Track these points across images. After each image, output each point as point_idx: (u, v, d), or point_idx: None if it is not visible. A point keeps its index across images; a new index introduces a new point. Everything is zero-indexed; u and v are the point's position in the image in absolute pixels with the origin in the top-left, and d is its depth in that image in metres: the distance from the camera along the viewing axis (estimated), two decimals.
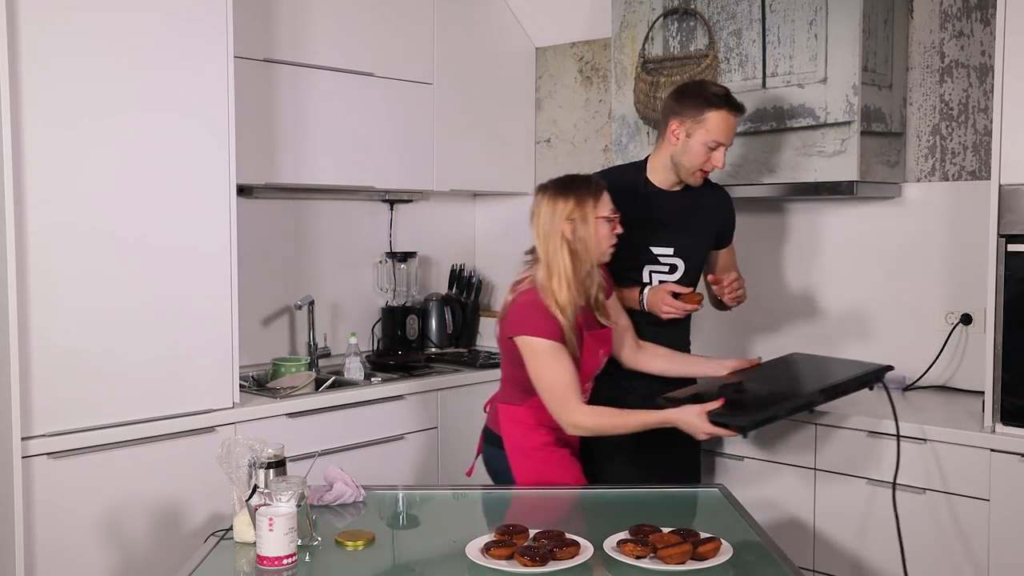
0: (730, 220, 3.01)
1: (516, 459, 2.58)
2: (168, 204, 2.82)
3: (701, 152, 2.75)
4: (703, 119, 2.72)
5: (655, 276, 2.85)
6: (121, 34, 2.70)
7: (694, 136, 2.74)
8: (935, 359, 3.20)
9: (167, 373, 2.83)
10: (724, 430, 2.44)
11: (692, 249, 2.88)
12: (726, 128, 2.74)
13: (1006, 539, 2.63)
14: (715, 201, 2.97)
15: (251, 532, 1.97)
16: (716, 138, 2.73)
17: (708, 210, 2.93)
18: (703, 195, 2.92)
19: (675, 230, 2.85)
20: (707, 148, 2.74)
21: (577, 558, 1.90)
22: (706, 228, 2.93)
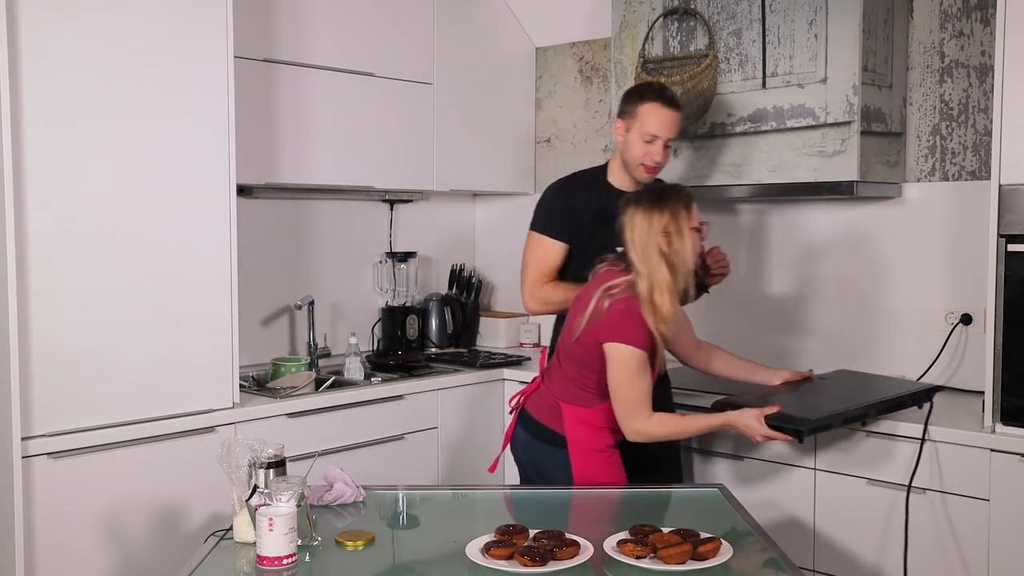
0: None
1: (580, 459, 2.62)
2: (168, 204, 2.82)
3: (638, 146, 2.84)
4: (637, 113, 2.82)
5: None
6: (121, 34, 2.70)
7: (631, 131, 2.84)
8: (935, 359, 3.20)
9: (167, 373, 2.83)
10: (780, 434, 2.52)
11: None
12: (658, 121, 2.80)
13: (1006, 539, 2.63)
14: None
15: (251, 532, 1.97)
16: (649, 130, 2.81)
17: None
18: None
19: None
20: (643, 141, 2.82)
21: (577, 558, 1.90)
22: None
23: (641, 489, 2.56)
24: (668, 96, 2.85)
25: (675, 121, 2.85)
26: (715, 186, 3.39)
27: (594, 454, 2.62)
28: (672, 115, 2.83)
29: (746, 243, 3.65)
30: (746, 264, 3.64)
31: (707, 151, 3.41)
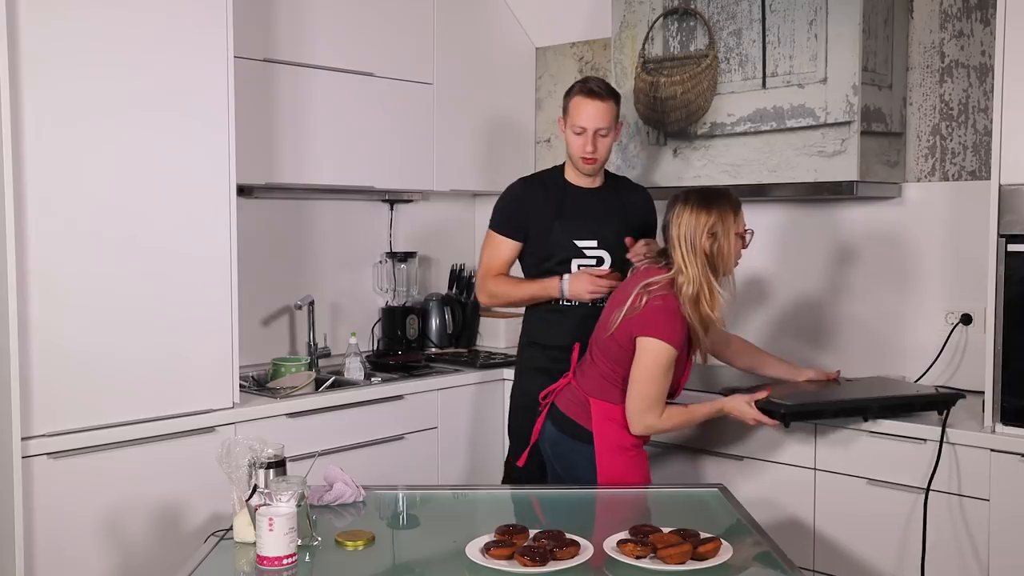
0: (651, 216, 3.14)
1: (606, 456, 2.65)
2: (168, 204, 2.82)
3: (572, 139, 2.94)
4: (568, 108, 2.94)
5: (583, 269, 2.97)
6: (121, 34, 2.70)
7: (567, 125, 2.96)
8: (935, 359, 3.20)
9: (167, 373, 2.83)
10: (768, 418, 2.62)
11: (615, 241, 2.98)
12: (583, 112, 2.88)
13: (1006, 539, 2.63)
14: (635, 198, 3.12)
15: (251, 532, 1.97)
16: (576, 122, 2.90)
17: (629, 205, 3.08)
18: (623, 191, 3.12)
19: (596, 223, 2.99)
20: (575, 135, 2.92)
21: (577, 558, 1.90)
22: (628, 222, 3.03)
23: (641, 489, 2.56)
24: (591, 88, 2.89)
25: (601, 111, 2.89)
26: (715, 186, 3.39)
27: (620, 452, 2.65)
28: (597, 106, 2.88)
29: None
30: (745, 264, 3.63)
31: (707, 151, 3.41)
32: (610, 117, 2.92)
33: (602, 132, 2.91)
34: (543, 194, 3.02)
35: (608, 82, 3.01)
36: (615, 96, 2.96)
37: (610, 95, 2.93)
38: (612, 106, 2.92)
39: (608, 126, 2.92)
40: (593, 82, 2.93)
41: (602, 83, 2.95)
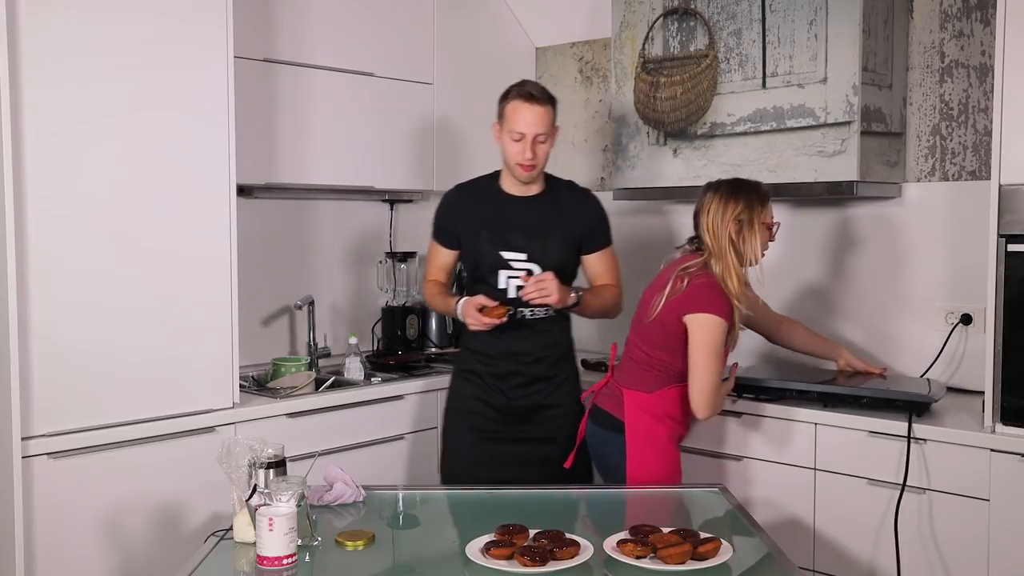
0: (596, 224, 2.98)
1: (636, 447, 2.69)
2: (168, 204, 2.82)
3: (509, 146, 2.83)
4: (504, 113, 2.83)
5: (511, 281, 2.87)
6: (121, 34, 2.70)
7: (503, 132, 2.84)
8: (935, 359, 3.20)
9: (167, 373, 2.83)
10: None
11: (548, 254, 2.87)
12: (520, 117, 2.78)
13: (1006, 539, 2.63)
14: (577, 205, 2.96)
15: (251, 532, 1.97)
16: (514, 128, 2.79)
17: (568, 214, 2.92)
18: (563, 198, 2.96)
19: (527, 235, 2.87)
20: (513, 141, 2.81)
21: (577, 558, 1.90)
22: (565, 233, 2.90)
23: (641, 489, 2.56)
24: (528, 92, 2.80)
25: (539, 116, 2.79)
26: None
27: (650, 444, 2.69)
28: (535, 111, 2.78)
29: None
30: None
31: (707, 151, 3.41)
32: (548, 122, 2.83)
33: (540, 138, 2.81)
34: (475, 202, 2.94)
35: (544, 86, 2.92)
36: (553, 100, 2.87)
37: (548, 99, 2.84)
38: (550, 110, 2.83)
39: (547, 131, 2.83)
40: (531, 86, 2.84)
41: (539, 87, 2.87)
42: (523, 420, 2.92)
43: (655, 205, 3.86)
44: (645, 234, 3.91)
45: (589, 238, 2.95)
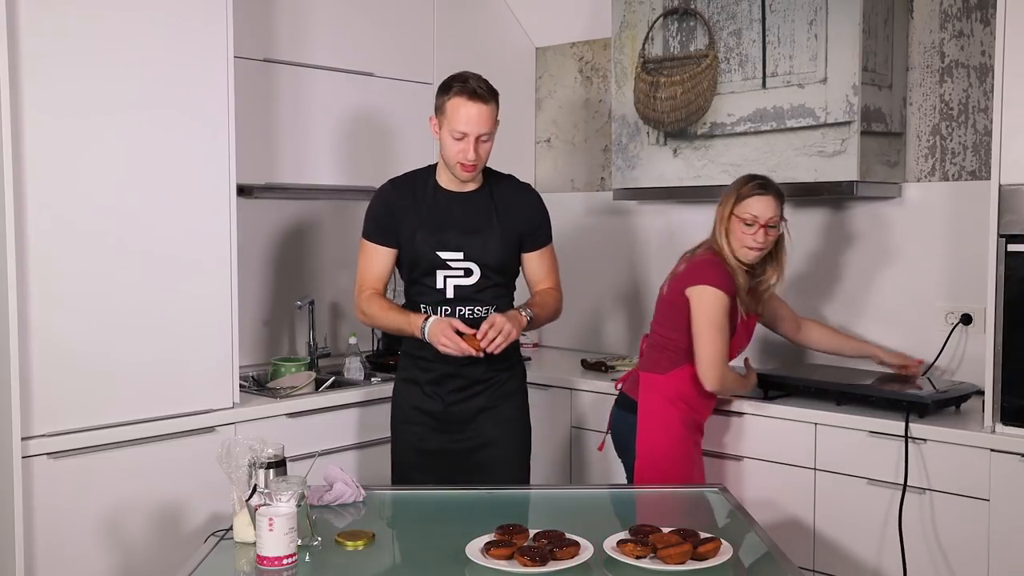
0: (537, 221, 2.81)
1: (646, 427, 2.78)
2: (168, 204, 2.82)
3: (450, 144, 2.64)
4: (445, 109, 2.63)
5: (449, 281, 2.72)
6: (121, 34, 2.70)
7: (443, 127, 2.65)
8: (935, 359, 3.20)
9: (167, 373, 2.83)
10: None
11: (486, 253, 2.72)
12: (464, 116, 2.59)
13: (1006, 539, 2.63)
14: (517, 200, 2.79)
15: (251, 532, 1.97)
16: (455, 127, 2.60)
17: (507, 210, 2.76)
18: (503, 194, 2.78)
19: (463, 233, 2.71)
20: (454, 139, 2.62)
21: (577, 558, 1.89)
22: (504, 230, 2.74)
23: (641, 489, 2.56)
24: (472, 88, 2.59)
25: (483, 115, 2.60)
26: (715, 186, 3.39)
27: (661, 427, 2.76)
28: (479, 109, 2.59)
29: None
30: None
31: (707, 151, 3.41)
32: (492, 120, 2.64)
33: (484, 137, 2.63)
34: (410, 197, 2.74)
35: (487, 80, 2.68)
36: (496, 95, 2.67)
37: (492, 96, 2.64)
38: (494, 107, 2.64)
39: (490, 130, 2.64)
40: (474, 81, 2.61)
41: (483, 82, 2.64)
42: (463, 425, 2.77)
43: (655, 205, 3.86)
44: (645, 234, 3.91)
45: (529, 235, 2.79)
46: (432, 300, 2.73)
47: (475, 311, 2.72)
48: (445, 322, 2.61)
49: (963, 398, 2.93)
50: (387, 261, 2.77)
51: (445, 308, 2.71)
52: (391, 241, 2.75)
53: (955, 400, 2.91)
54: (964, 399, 2.93)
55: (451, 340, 2.56)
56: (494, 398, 2.79)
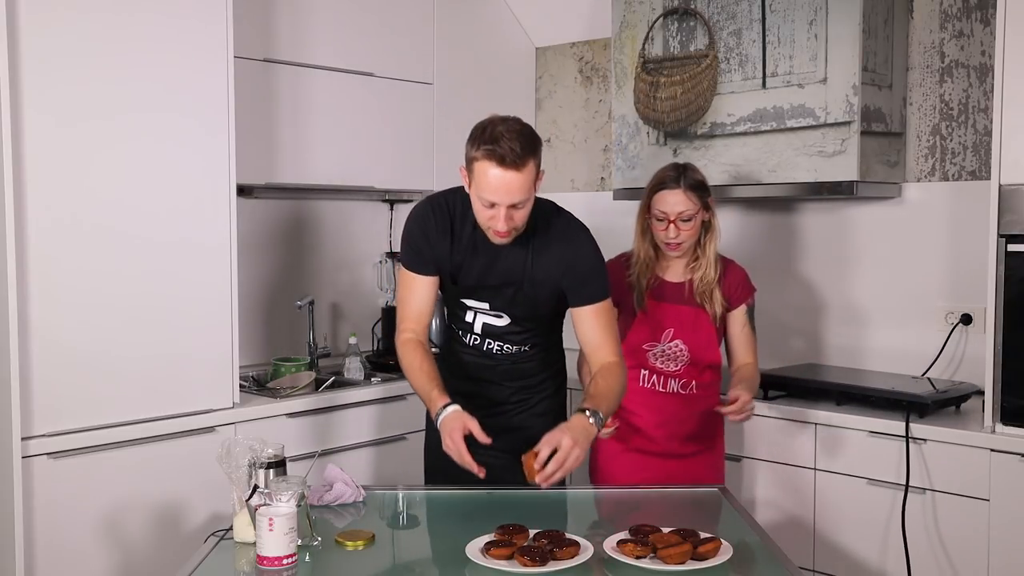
0: (580, 276, 2.37)
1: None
2: (168, 204, 2.82)
3: (479, 208, 2.24)
4: (472, 168, 2.21)
5: (479, 317, 2.46)
6: (121, 34, 2.70)
7: (472, 187, 2.24)
8: (935, 359, 3.20)
9: (167, 373, 2.83)
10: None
11: (514, 306, 2.43)
12: (493, 185, 2.17)
13: (1006, 539, 2.63)
14: (558, 252, 2.36)
15: (251, 532, 1.97)
16: (482, 194, 2.20)
17: (544, 264, 2.36)
18: (545, 243, 2.36)
19: (493, 286, 2.39)
20: (482, 204, 2.22)
21: (577, 558, 1.89)
22: (537, 285, 2.38)
23: (641, 489, 2.56)
24: (502, 154, 2.14)
25: (516, 184, 2.16)
26: (715, 186, 3.38)
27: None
28: (511, 178, 2.15)
29: (746, 243, 3.64)
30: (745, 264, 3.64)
31: (707, 151, 3.41)
32: (528, 185, 2.19)
33: (518, 205, 2.21)
34: (447, 232, 2.37)
35: (525, 134, 2.20)
36: (534, 152, 2.20)
37: (528, 156, 2.17)
38: (531, 170, 2.18)
39: (526, 196, 2.20)
40: (507, 143, 2.14)
41: (518, 142, 2.16)
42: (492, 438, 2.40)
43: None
44: None
45: (572, 291, 2.38)
46: (463, 327, 2.51)
47: (504, 348, 2.49)
48: (460, 420, 2.22)
49: (963, 398, 2.93)
50: (429, 292, 2.42)
51: (475, 338, 2.48)
52: (431, 269, 2.41)
53: (955, 400, 2.92)
54: (964, 399, 2.93)
55: (455, 445, 2.19)
56: (522, 419, 2.55)
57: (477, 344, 2.49)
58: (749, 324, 2.78)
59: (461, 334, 2.51)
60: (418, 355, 2.37)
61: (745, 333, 2.78)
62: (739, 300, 2.76)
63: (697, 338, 2.71)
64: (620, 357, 2.40)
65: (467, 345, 2.52)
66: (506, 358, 2.48)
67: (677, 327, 2.70)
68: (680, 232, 2.64)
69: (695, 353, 2.70)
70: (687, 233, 2.65)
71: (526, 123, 2.25)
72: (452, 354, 2.56)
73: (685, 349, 2.70)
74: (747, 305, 2.78)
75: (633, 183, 3.62)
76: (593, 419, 2.21)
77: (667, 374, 2.69)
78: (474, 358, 2.52)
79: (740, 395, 2.58)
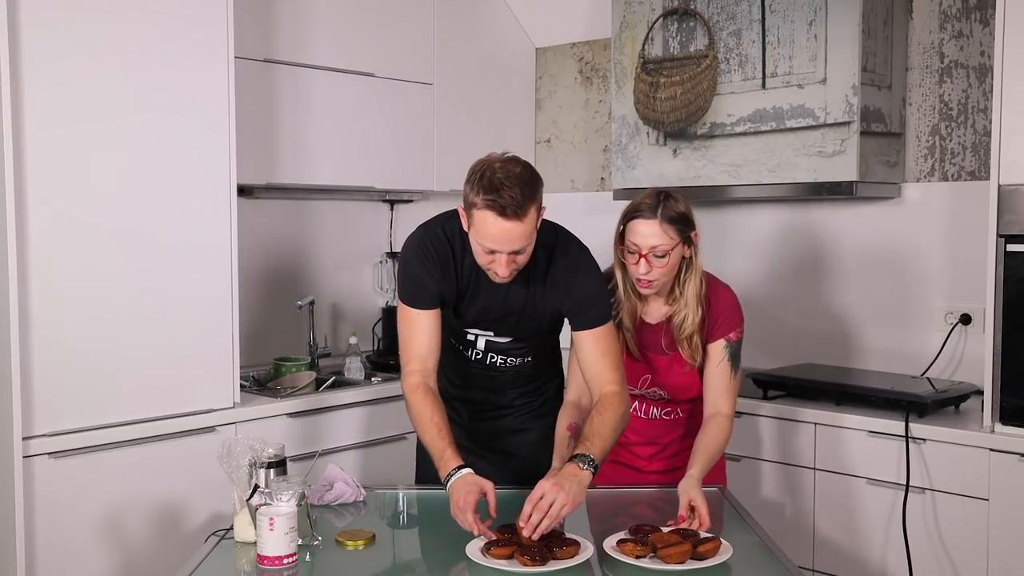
0: (581, 304, 2.29)
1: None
2: (169, 205, 2.82)
3: (479, 252, 2.15)
4: (471, 214, 2.12)
5: (480, 337, 2.41)
6: (122, 35, 2.70)
7: (470, 230, 2.15)
8: (934, 359, 3.21)
9: (168, 373, 2.83)
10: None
11: (518, 330, 2.39)
12: (493, 234, 2.08)
13: (1005, 539, 2.63)
14: (559, 283, 2.29)
15: (251, 532, 1.97)
16: (483, 241, 2.11)
17: (544, 295, 2.31)
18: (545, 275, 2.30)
19: (493, 318, 2.35)
20: (483, 249, 2.14)
21: (577, 558, 1.90)
22: (540, 312, 2.33)
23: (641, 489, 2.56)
24: (503, 205, 2.04)
25: (517, 232, 2.08)
26: (715, 186, 3.39)
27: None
28: (513, 227, 2.06)
29: (746, 243, 3.65)
30: (745, 264, 3.64)
31: (707, 151, 3.41)
32: (531, 231, 2.11)
33: (520, 251, 2.13)
34: (444, 268, 2.28)
35: (525, 179, 2.10)
36: (535, 197, 2.10)
37: (529, 202, 2.07)
38: (532, 216, 2.09)
39: (528, 242, 2.12)
40: (508, 193, 2.05)
41: (518, 188, 2.06)
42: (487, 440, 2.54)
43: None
44: None
45: (573, 316, 2.31)
46: (465, 344, 2.45)
47: (508, 361, 2.45)
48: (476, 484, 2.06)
49: (962, 398, 2.94)
50: (434, 327, 2.29)
51: (477, 353, 2.44)
52: (435, 302, 2.29)
53: (954, 400, 2.92)
54: (963, 399, 2.94)
55: (461, 512, 2.02)
56: (521, 421, 2.54)
57: (480, 359, 2.45)
58: (728, 362, 2.37)
59: (463, 349, 2.46)
60: (428, 405, 2.22)
61: (720, 372, 2.36)
62: (720, 332, 2.37)
63: (675, 382, 2.44)
64: (621, 385, 2.27)
65: (470, 359, 2.47)
66: (510, 368, 2.47)
67: (653, 375, 2.44)
68: (652, 269, 2.29)
69: (675, 393, 2.46)
70: (660, 271, 2.30)
71: (524, 162, 2.16)
72: (454, 363, 2.50)
73: (664, 392, 2.46)
74: (727, 340, 2.37)
75: (633, 183, 3.62)
76: (585, 465, 2.08)
77: (649, 403, 2.51)
78: (477, 369, 2.48)
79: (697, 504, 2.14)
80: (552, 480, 2.02)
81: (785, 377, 3.17)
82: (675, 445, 2.53)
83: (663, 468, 2.54)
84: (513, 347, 2.44)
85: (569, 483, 2.01)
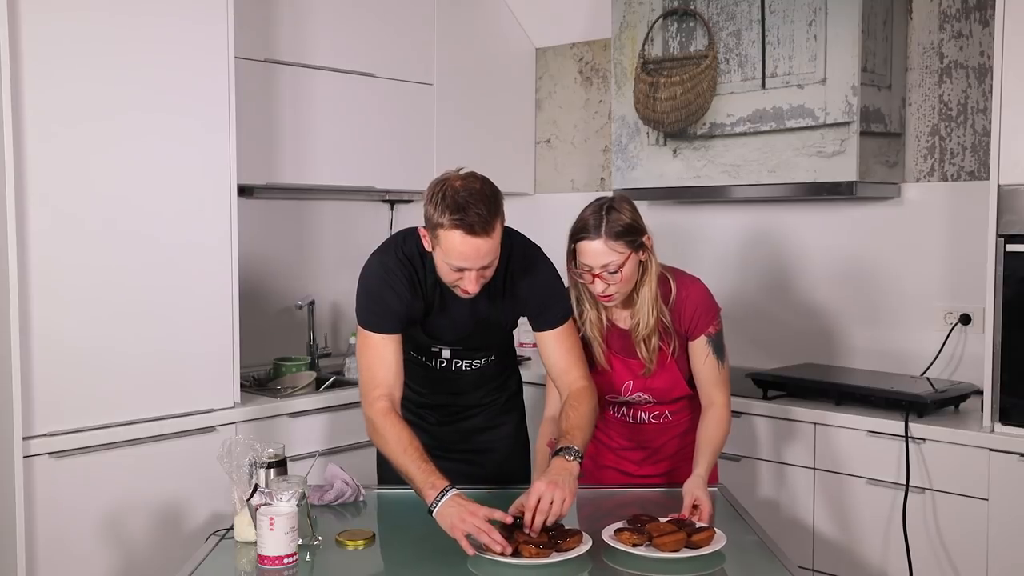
0: (542, 303, 2.34)
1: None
2: (169, 205, 2.83)
3: (446, 271, 2.15)
4: (436, 233, 2.10)
5: (446, 349, 2.42)
6: (122, 35, 2.70)
7: (435, 250, 2.15)
8: (934, 359, 3.21)
9: (168, 373, 2.84)
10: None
11: (484, 338, 2.42)
12: (461, 253, 2.08)
13: (1005, 539, 2.63)
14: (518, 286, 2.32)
15: (252, 531, 1.98)
16: (450, 260, 2.11)
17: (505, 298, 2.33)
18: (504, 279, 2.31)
19: (458, 330, 2.36)
20: (449, 268, 2.13)
21: (578, 548, 1.92)
22: (503, 319, 2.38)
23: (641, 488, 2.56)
24: (471, 223, 2.05)
25: (485, 248, 2.09)
26: (715, 186, 3.40)
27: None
28: (481, 243, 2.07)
29: (746, 243, 3.65)
30: (745, 264, 3.65)
31: (707, 151, 3.41)
32: (497, 245, 2.12)
33: (489, 265, 2.15)
34: (409, 290, 2.27)
35: (487, 194, 2.10)
36: (499, 211, 2.12)
37: (494, 216, 2.09)
38: (498, 229, 2.11)
39: (496, 255, 2.14)
40: (475, 211, 2.05)
41: (483, 204, 2.07)
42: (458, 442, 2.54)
43: (655, 205, 3.86)
44: None
45: (535, 317, 2.36)
46: (428, 355, 2.45)
47: (473, 364, 2.46)
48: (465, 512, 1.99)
49: (962, 398, 2.94)
50: (398, 352, 2.28)
51: (442, 362, 2.44)
52: (399, 326, 2.28)
53: (954, 400, 2.92)
54: (963, 399, 2.94)
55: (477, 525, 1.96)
56: (490, 417, 2.57)
57: (445, 366, 2.45)
58: (713, 355, 2.36)
59: (426, 360, 2.46)
60: (404, 432, 2.17)
61: (708, 366, 2.37)
62: (699, 330, 2.35)
63: (658, 384, 2.42)
64: (589, 380, 2.32)
65: (434, 368, 2.46)
66: (475, 370, 2.47)
67: (635, 380, 2.41)
68: (608, 285, 2.26)
69: (660, 395, 2.44)
70: (617, 285, 2.26)
71: (483, 177, 2.16)
72: (417, 373, 2.47)
73: (649, 396, 2.44)
74: (707, 335, 2.35)
75: (633, 183, 3.62)
76: (571, 456, 2.12)
77: (637, 408, 2.49)
78: (442, 375, 2.47)
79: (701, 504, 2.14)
80: (545, 480, 2.04)
81: (784, 377, 3.17)
82: (666, 449, 2.53)
83: (653, 473, 2.54)
84: (478, 350, 2.46)
85: (562, 478, 2.04)
